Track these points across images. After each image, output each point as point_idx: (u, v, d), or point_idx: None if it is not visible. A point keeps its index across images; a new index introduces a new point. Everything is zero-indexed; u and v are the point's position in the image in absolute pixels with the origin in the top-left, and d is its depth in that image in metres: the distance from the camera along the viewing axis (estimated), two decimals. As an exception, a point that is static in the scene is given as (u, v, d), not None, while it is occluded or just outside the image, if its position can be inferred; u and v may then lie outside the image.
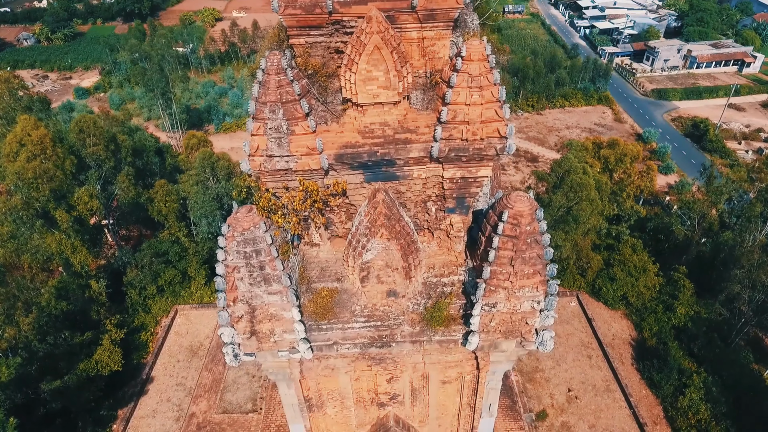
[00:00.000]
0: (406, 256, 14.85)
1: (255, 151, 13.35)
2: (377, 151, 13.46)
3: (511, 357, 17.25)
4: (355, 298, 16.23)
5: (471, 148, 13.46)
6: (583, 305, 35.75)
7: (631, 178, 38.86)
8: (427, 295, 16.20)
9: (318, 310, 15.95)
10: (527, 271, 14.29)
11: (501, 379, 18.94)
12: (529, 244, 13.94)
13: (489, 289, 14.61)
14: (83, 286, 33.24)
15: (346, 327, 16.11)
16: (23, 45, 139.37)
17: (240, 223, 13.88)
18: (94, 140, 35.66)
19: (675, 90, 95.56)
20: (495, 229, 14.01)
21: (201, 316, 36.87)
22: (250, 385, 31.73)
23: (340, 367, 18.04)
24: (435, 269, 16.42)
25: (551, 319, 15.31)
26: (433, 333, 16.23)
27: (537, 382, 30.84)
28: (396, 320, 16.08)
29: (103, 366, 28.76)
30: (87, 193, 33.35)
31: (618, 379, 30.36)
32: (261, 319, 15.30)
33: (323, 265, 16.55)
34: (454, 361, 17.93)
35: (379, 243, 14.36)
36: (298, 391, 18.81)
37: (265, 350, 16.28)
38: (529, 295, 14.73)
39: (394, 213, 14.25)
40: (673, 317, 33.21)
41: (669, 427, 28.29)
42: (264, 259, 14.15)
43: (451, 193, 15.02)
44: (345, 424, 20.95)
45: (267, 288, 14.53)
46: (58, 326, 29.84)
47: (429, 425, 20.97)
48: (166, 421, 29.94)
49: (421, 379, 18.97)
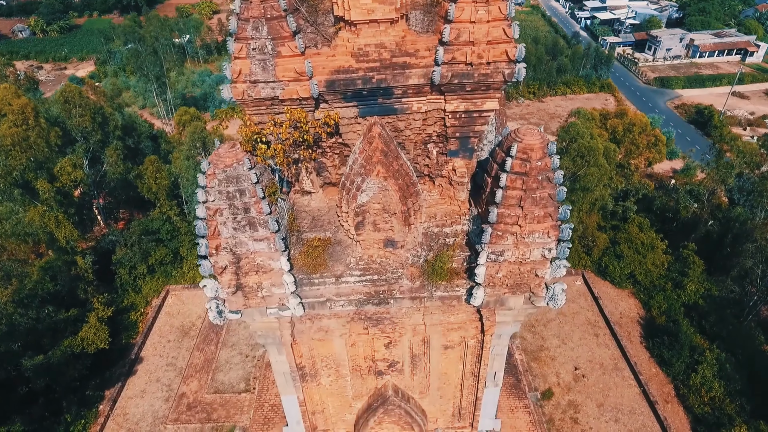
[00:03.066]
0: (405, 198, 13.58)
1: (237, 76, 12.07)
2: (372, 77, 12.17)
3: (519, 316, 15.99)
4: (349, 250, 14.98)
5: (476, 74, 12.16)
6: (588, 284, 34.52)
7: (639, 149, 37.53)
8: (427, 246, 14.94)
9: (309, 262, 14.69)
10: (538, 213, 13.03)
11: (507, 344, 17.67)
12: (540, 182, 12.68)
13: (495, 234, 13.35)
14: (69, 263, 31.93)
15: (340, 281, 14.86)
16: (18, 37, 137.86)
17: (222, 159, 12.63)
18: (80, 111, 34.25)
19: (678, 78, 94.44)
20: (502, 165, 12.76)
21: (193, 297, 35.62)
22: (243, 365, 30.49)
23: (335, 330, 16.78)
24: (436, 219, 15.15)
25: (563, 269, 14.06)
26: (435, 288, 14.98)
27: (542, 360, 29.61)
28: (394, 273, 14.82)
29: (88, 343, 27.49)
30: (70, 162, 31.93)
31: (626, 357, 29.15)
32: (247, 270, 14.03)
33: (315, 215, 15.29)
34: (456, 323, 16.67)
35: (376, 183, 13.09)
36: (289, 357, 17.53)
37: (253, 307, 15.03)
38: (539, 241, 13.47)
39: (391, 149, 12.97)
40: (682, 295, 31.96)
41: (681, 406, 27.08)
42: (249, 201, 12.89)
43: (454, 132, 13.74)
44: (340, 395, 19.67)
45: (252, 234, 13.27)
46: (41, 301, 28.61)
47: (430, 396, 19.70)
48: (155, 401, 28.70)
49: (421, 344, 17.70)
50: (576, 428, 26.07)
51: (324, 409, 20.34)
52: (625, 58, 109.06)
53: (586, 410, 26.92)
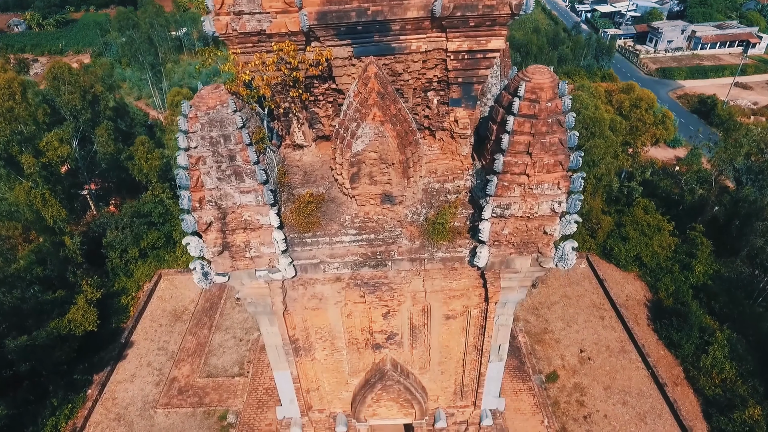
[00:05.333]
0: (404, 147, 12.57)
1: (220, 6, 11.04)
2: (368, 9, 11.15)
3: (525, 281, 14.99)
4: (344, 207, 13.98)
5: (480, 5, 11.15)
6: (593, 266, 33.52)
7: (646, 125, 36.37)
8: (428, 203, 13.95)
9: (301, 221, 13.69)
10: (547, 161, 12.03)
11: (512, 314, 16.67)
12: (550, 126, 11.68)
13: (501, 185, 12.35)
14: (57, 244, 30.87)
15: (334, 241, 13.85)
16: (14, 31, 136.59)
17: (204, 101, 11.63)
18: (70, 88, 33.15)
19: (680, 69, 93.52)
20: (509, 108, 11.76)
21: (186, 281, 34.58)
22: (237, 348, 29.47)
23: (329, 297, 15.78)
24: (437, 175, 14.15)
25: (574, 225, 13.04)
26: (436, 249, 13.97)
27: (546, 343, 28.63)
28: (392, 232, 13.82)
29: (76, 325, 26.46)
30: (57, 137, 30.81)
31: (634, 340, 28.18)
32: (234, 227, 13.03)
33: (307, 170, 14.30)
34: (459, 290, 15.67)
35: (372, 128, 12.08)
36: (282, 328, 16.52)
37: (241, 269, 14.02)
38: (548, 193, 12.47)
39: (389, 92, 11.95)
40: (691, 276, 30.97)
41: (690, 388, 26.10)
42: (234, 148, 11.89)
43: (456, 76, 12.73)
44: (336, 371, 18.66)
45: (239, 184, 12.27)
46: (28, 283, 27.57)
47: (430, 372, 18.70)
48: (146, 385, 27.68)
49: (421, 314, 16.70)
50: (582, 411, 25.10)
51: (319, 387, 19.33)
52: (626, 50, 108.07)
53: (592, 393, 25.96)
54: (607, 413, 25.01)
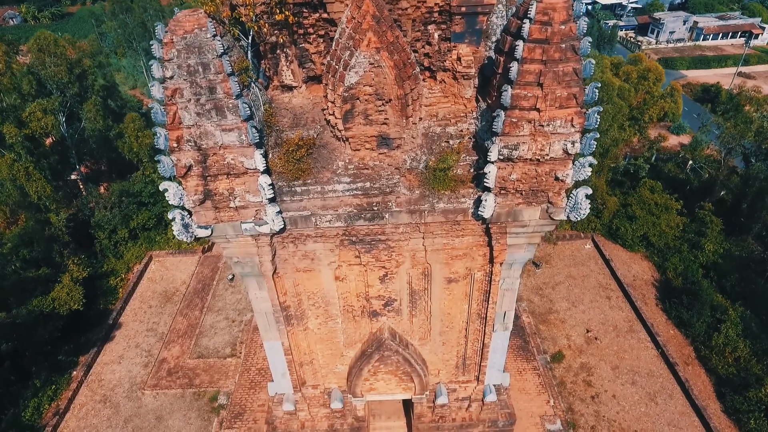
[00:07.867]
0: (402, 80, 11.41)
1: None
2: None
3: (533, 237, 13.85)
4: (337, 153, 12.84)
5: None
6: (599, 247, 32.40)
7: (654, 98, 35.20)
8: (428, 149, 12.82)
9: (290, 167, 12.56)
10: (560, 93, 10.89)
11: (518, 277, 15.51)
12: (564, 52, 10.55)
13: (509, 121, 11.22)
14: (43, 222, 29.70)
15: (326, 190, 12.72)
16: (9, 24, 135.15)
17: (181, 25, 10.48)
18: (56, 60, 31.90)
19: (682, 59, 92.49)
20: (518, 33, 10.62)
21: (178, 263, 33.41)
22: (229, 329, 28.33)
23: (322, 257, 14.64)
24: (438, 118, 13.00)
25: (588, 169, 11.91)
26: (437, 199, 12.85)
27: (551, 323, 27.54)
28: (390, 180, 12.69)
29: (60, 304, 25.31)
30: (40, 107, 29.58)
31: (642, 319, 27.09)
32: (216, 171, 11.89)
33: (297, 112, 13.14)
34: (462, 249, 14.54)
35: (366, 56, 10.92)
36: (272, 292, 15.36)
37: (225, 221, 12.89)
38: (561, 131, 11.35)
39: (385, 16, 10.78)
40: (700, 255, 29.84)
41: (702, 368, 25.03)
42: (214, 78, 10.75)
43: (459, 4, 11.56)
44: (331, 341, 17.51)
45: (220, 121, 11.13)
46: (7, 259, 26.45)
47: (431, 343, 17.56)
48: (134, 367, 26.55)
49: (421, 278, 15.57)
50: (590, 391, 24.01)
51: (313, 360, 18.18)
52: (628, 41, 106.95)
53: (599, 373, 24.87)
54: (616, 393, 23.92)
